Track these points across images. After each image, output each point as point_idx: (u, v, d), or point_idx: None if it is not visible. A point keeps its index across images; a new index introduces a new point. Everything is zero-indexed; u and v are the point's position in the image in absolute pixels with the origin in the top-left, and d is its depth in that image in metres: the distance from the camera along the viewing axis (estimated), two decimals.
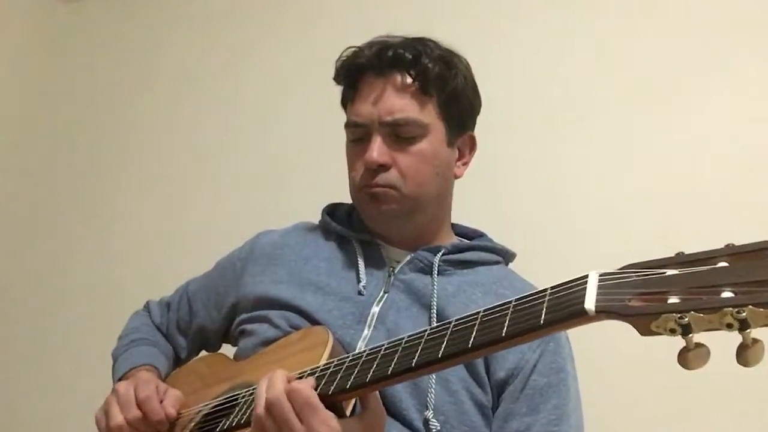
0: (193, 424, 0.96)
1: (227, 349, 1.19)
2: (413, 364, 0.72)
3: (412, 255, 1.06)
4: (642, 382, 1.33)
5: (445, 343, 0.71)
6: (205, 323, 1.18)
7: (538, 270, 1.07)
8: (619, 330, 0.66)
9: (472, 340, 0.69)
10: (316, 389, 0.78)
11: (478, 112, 1.14)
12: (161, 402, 0.97)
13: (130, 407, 0.95)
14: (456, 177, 1.12)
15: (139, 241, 1.94)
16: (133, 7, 2.16)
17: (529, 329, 0.65)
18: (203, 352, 1.25)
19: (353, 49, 1.10)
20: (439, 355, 0.71)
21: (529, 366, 0.95)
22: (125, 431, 0.95)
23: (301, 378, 0.82)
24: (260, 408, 0.78)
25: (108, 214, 2.02)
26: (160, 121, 2.04)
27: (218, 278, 1.19)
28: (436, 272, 1.02)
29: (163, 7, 2.13)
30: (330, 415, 0.76)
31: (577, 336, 0.91)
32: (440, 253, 1.05)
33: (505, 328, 0.67)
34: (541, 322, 0.64)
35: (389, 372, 0.74)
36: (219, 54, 2.00)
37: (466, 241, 1.14)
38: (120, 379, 1.10)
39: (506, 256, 1.13)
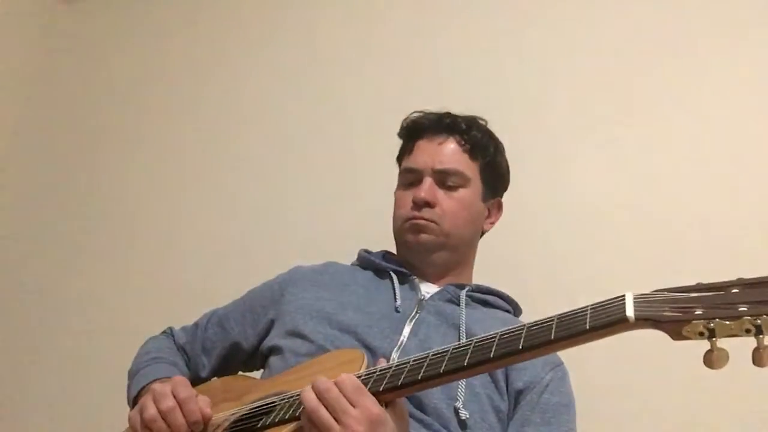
0: (227, 423, 1.01)
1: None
2: (465, 363, 0.83)
3: (442, 288, 1.22)
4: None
5: (494, 346, 0.82)
6: (238, 339, 1.24)
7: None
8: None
9: (521, 342, 0.80)
10: None
11: (506, 187, 1.36)
12: None
13: (165, 399, 0.97)
14: (483, 231, 1.32)
15: (140, 246, 1.96)
16: (134, 8, 2.22)
17: (576, 333, 0.77)
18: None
19: (419, 113, 1.34)
20: (491, 355, 0.81)
21: (543, 384, 1.10)
22: (159, 423, 0.96)
23: None
24: (311, 401, 0.84)
25: (108, 215, 2.03)
26: (162, 121, 2.07)
27: (254, 300, 1.27)
28: (463, 304, 1.18)
29: (164, 8, 2.19)
30: (375, 399, 0.85)
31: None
32: (466, 289, 1.21)
33: (553, 333, 0.79)
34: (587, 326, 0.77)
35: (427, 375, 0.84)
36: (221, 54, 2.05)
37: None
38: (140, 392, 1.12)
39: (516, 308, 1.29)
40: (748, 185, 1.49)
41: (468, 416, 1.04)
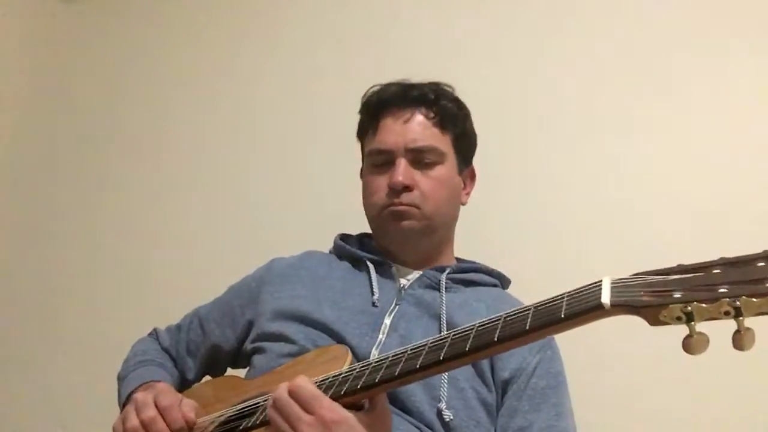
0: (213, 426, 1.00)
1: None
2: (441, 357, 0.80)
3: (421, 273, 1.16)
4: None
5: (471, 339, 0.80)
6: (218, 341, 1.22)
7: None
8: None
9: (497, 333, 0.78)
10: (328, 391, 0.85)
11: (475, 151, 1.29)
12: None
13: (146, 409, 0.96)
14: (462, 204, 1.25)
15: (134, 248, 1.96)
16: (134, 8, 2.20)
17: (552, 322, 0.74)
18: (206, 378, 1.29)
19: (380, 86, 1.24)
20: (467, 348, 0.79)
21: (530, 369, 1.05)
22: None
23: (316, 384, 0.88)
24: (270, 410, 0.85)
25: (105, 216, 2.02)
26: (161, 123, 2.06)
27: (233, 298, 1.24)
28: (443, 288, 1.12)
29: (164, 8, 2.17)
30: (337, 405, 0.82)
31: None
32: (446, 272, 1.15)
33: (529, 323, 0.76)
34: (562, 315, 0.74)
35: (396, 373, 0.82)
36: (222, 56, 2.04)
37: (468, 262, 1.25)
38: (130, 395, 1.12)
39: (503, 280, 1.24)
40: (744, 178, 1.47)
41: (452, 417, 0.99)
